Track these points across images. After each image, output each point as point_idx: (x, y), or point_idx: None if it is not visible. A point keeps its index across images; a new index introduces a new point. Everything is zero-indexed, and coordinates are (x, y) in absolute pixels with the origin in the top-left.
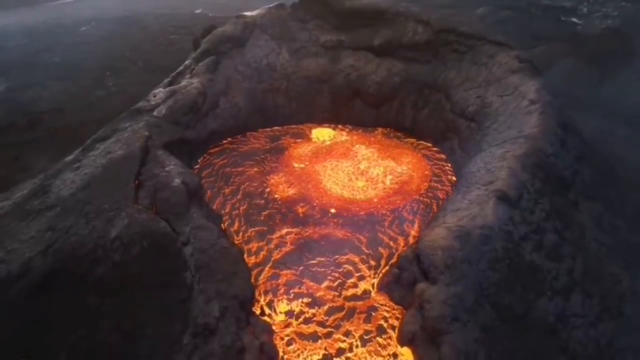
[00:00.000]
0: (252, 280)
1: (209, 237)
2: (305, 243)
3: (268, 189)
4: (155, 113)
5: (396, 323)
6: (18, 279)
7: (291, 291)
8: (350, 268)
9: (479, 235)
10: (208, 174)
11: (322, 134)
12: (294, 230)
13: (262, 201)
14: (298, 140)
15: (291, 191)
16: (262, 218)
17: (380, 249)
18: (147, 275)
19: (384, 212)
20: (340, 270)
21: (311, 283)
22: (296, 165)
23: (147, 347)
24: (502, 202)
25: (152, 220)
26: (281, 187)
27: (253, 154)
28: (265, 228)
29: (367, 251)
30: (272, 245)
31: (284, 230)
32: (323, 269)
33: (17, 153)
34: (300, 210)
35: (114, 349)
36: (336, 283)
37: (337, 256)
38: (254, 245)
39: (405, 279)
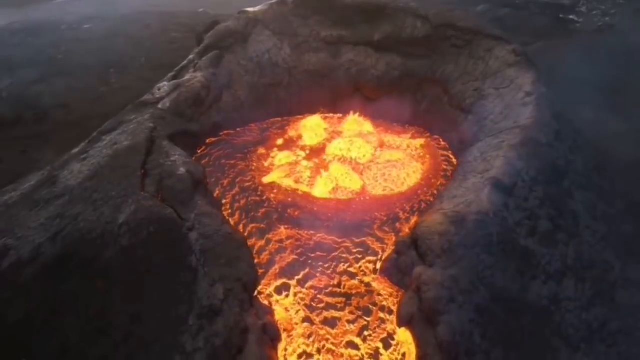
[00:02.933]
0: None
1: (214, 224)
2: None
3: (261, 187)
4: (160, 106)
5: None
6: (29, 263)
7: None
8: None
9: (474, 221)
10: (205, 164)
11: (317, 124)
12: (294, 232)
13: (257, 198)
14: (290, 132)
15: (289, 187)
16: (259, 215)
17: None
18: (153, 259)
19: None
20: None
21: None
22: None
23: (154, 327)
24: (497, 189)
25: (159, 207)
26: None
27: (244, 147)
28: (264, 225)
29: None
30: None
31: (283, 233)
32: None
33: (24, 147)
34: (298, 210)
35: (122, 329)
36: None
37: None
38: (255, 243)
39: (403, 263)
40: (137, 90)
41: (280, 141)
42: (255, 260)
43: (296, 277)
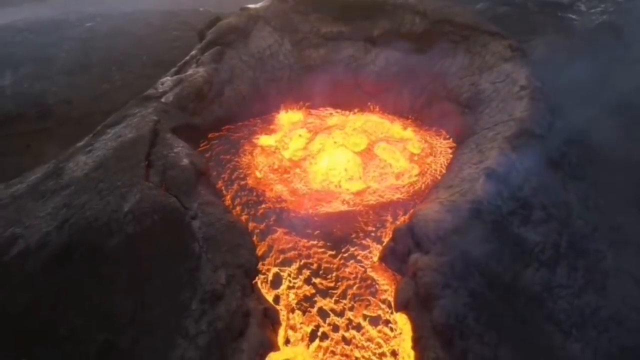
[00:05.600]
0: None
1: (216, 212)
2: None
3: (258, 185)
4: (163, 100)
5: None
6: (36, 251)
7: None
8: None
9: (469, 209)
10: (207, 159)
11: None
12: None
13: (255, 197)
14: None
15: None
16: (259, 214)
17: None
18: (158, 246)
19: None
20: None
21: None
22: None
23: (158, 312)
24: (491, 179)
25: (163, 196)
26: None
27: (243, 143)
28: (263, 226)
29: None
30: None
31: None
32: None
33: (28, 142)
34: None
35: (127, 314)
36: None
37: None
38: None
39: (400, 251)
40: (139, 87)
41: (274, 137)
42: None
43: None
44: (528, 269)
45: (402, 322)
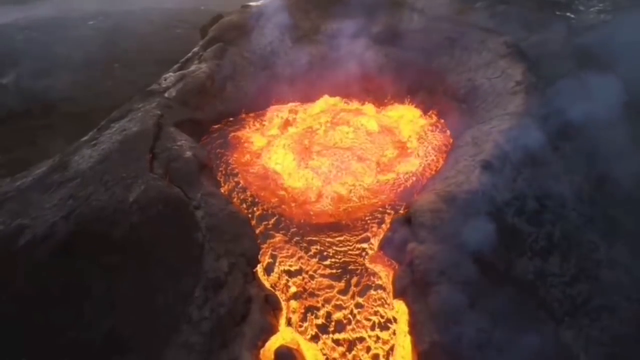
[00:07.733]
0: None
1: (219, 203)
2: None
3: (256, 184)
4: (166, 95)
5: None
6: (43, 241)
7: None
8: None
9: (464, 199)
10: (208, 152)
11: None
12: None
13: (251, 197)
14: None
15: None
16: (256, 215)
17: None
18: (162, 235)
19: None
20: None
21: None
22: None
23: (162, 299)
24: (486, 171)
25: (167, 187)
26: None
27: (244, 139)
28: (261, 228)
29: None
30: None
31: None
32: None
33: (33, 137)
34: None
35: (132, 301)
36: None
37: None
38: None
39: (398, 239)
40: (142, 84)
41: (267, 134)
42: None
43: None
44: (522, 258)
45: (400, 308)
